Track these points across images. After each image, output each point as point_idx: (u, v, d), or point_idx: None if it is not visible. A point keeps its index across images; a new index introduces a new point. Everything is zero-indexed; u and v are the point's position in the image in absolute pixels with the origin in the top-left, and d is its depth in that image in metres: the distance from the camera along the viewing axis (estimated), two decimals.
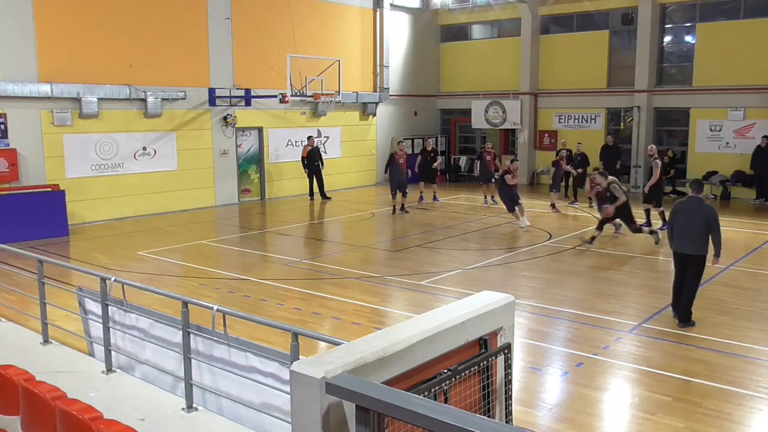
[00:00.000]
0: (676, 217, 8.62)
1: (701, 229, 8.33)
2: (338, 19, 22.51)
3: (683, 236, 8.46)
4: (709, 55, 20.53)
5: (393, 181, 17.55)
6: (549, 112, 24.10)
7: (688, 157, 21.30)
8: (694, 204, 8.55)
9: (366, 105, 23.66)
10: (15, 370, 4.98)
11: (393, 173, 17.48)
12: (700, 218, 8.34)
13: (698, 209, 8.45)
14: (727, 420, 6.16)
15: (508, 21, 24.73)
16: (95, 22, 16.43)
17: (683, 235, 8.46)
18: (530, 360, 7.62)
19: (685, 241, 8.44)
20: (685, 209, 8.56)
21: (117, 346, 6.57)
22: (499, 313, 3.97)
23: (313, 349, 7.06)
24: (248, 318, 5.60)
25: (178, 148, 18.43)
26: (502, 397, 4.01)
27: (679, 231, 8.52)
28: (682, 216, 8.51)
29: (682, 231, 8.47)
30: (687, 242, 8.43)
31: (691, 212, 8.46)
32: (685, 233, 8.42)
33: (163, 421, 5.52)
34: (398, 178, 17.40)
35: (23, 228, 14.03)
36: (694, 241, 8.37)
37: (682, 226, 8.47)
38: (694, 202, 8.58)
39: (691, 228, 8.38)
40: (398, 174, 17.43)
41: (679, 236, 8.53)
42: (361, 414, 2.88)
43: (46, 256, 8.61)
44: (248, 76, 19.49)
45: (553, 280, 11.13)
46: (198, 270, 11.92)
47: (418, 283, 10.91)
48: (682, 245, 8.50)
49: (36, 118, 15.62)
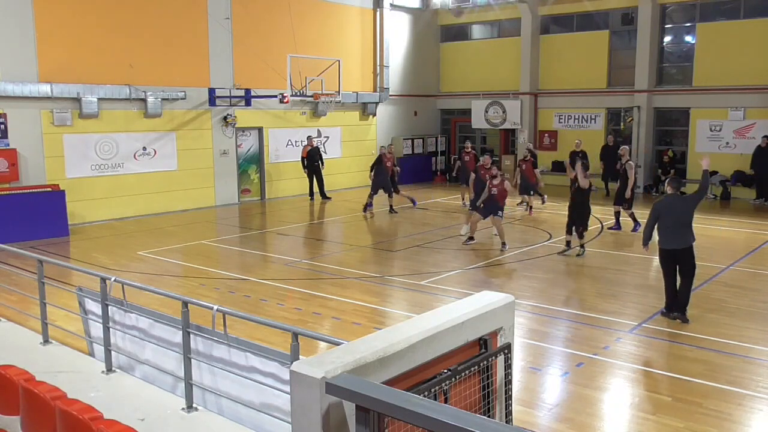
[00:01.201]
0: (659, 216, 8.70)
1: (688, 221, 8.60)
2: (338, 19, 22.51)
3: (671, 233, 8.62)
4: (709, 55, 20.53)
5: (377, 182, 17.70)
6: (549, 112, 24.09)
7: (688, 157, 21.30)
8: (676, 201, 8.80)
9: (366, 105, 23.66)
10: (15, 370, 4.98)
11: (378, 174, 17.64)
12: (686, 211, 8.60)
13: (681, 204, 8.73)
14: (727, 420, 6.16)
15: (508, 21, 24.72)
16: (95, 22, 16.42)
17: (671, 231, 8.62)
18: (530, 360, 7.62)
19: (674, 237, 8.61)
20: (668, 207, 8.70)
21: (117, 346, 6.57)
22: (499, 313, 3.97)
23: (313, 349, 7.06)
24: (248, 318, 5.60)
25: (178, 148, 18.43)
26: (502, 397, 4.00)
27: (665, 229, 8.65)
28: (667, 214, 8.64)
29: (668, 228, 8.62)
30: (676, 238, 8.60)
31: (674, 209, 8.65)
32: (673, 229, 8.61)
33: (163, 421, 5.52)
34: (382, 180, 17.58)
35: (23, 228, 14.03)
36: (682, 235, 8.59)
37: (668, 224, 8.61)
38: (675, 199, 8.83)
39: (679, 224, 8.59)
40: (383, 175, 17.62)
41: (666, 234, 8.66)
42: (361, 414, 2.88)
43: (46, 256, 8.62)
44: (248, 76, 19.49)
45: (553, 280, 11.13)
46: (198, 270, 11.92)
47: (418, 283, 10.91)
48: (672, 241, 8.63)
49: (36, 118, 15.61)
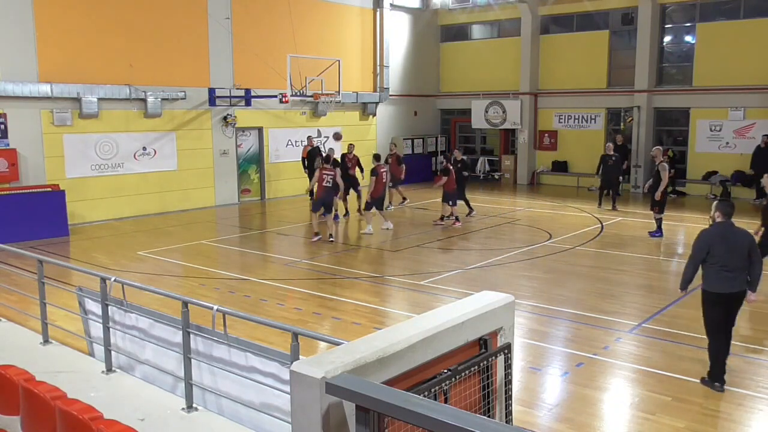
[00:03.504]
0: (709, 249, 6.76)
1: (743, 258, 6.75)
2: (338, 19, 22.51)
3: (726, 272, 6.69)
4: (709, 55, 20.53)
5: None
6: (549, 112, 24.10)
7: (688, 157, 21.31)
8: (729, 230, 6.83)
9: (366, 105, 23.66)
10: (15, 370, 4.97)
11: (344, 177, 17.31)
12: (743, 245, 6.77)
13: (737, 236, 6.82)
14: (727, 420, 6.16)
15: (508, 21, 24.73)
16: (95, 22, 16.42)
17: (726, 270, 6.69)
18: (530, 360, 7.62)
19: (732, 276, 6.71)
20: (720, 238, 6.78)
21: (117, 346, 6.57)
22: (499, 313, 3.97)
23: (313, 349, 7.06)
24: (248, 318, 5.60)
25: (178, 148, 18.43)
26: (502, 397, 4.00)
27: (717, 267, 6.72)
28: (721, 246, 6.73)
29: (723, 266, 6.69)
30: (734, 278, 6.73)
31: (729, 241, 6.76)
32: (730, 267, 6.70)
33: (163, 421, 5.52)
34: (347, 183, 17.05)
35: (23, 228, 14.03)
36: (739, 275, 6.76)
37: (724, 260, 6.69)
38: (728, 228, 6.84)
39: (736, 259, 6.72)
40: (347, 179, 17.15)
41: (716, 273, 6.74)
42: (361, 414, 2.88)
43: (46, 256, 8.62)
44: (248, 76, 19.49)
45: (553, 280, 11.13)
46: (198, 270, 11.92)
47: (418, 283, 10.91)
48: (725, 283, 6.73)
49: (36, 118, 15.62)
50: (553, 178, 24.18)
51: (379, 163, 15.92)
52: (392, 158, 18.41)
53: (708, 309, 6.88)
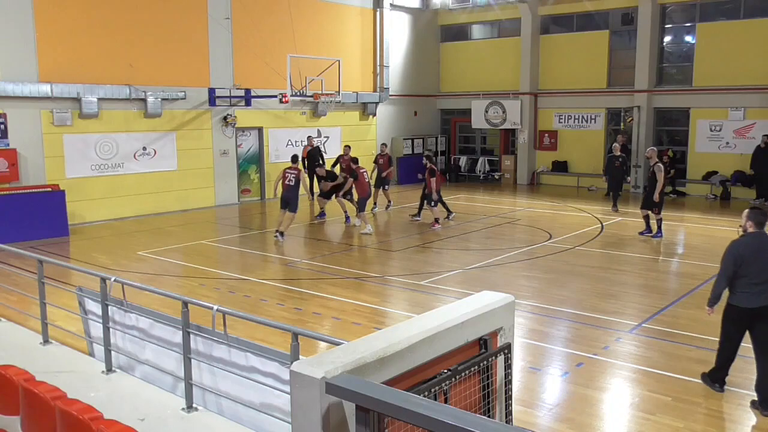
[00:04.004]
0: (741, 261, 6.28)
1: None
2: (338, 19, 22.51)
3: (755, 285, 6.28)
4: (709, 55, 20.53)
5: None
6: (549, 112, 24.10)
7: (688, 157, 21.31)
8: (764, 242, 6.35)
9: (366, 105, 23.66)
10: (15, 370, 4.97)
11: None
12: None
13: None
14: (727, 420, 6.16)
15: (508, 21, 24.73)
16: (95, 22, 16.42)
17: (755, 284, 6.28)
18: (530, 360, 7.62)
19: (759, 290, 6.28)
20: (754, 251, 6.29)
21: (117, 346, 6.57)
22: (499, 313, 3.96)
23: (313, 349, 7.06)
24: (248, 318, 5.60)
25: (178, 148, 18.43)
26: (502, 397, 4.00)
27: (746, 280, 6.29)
28: (755, 259, 6.27)
29: (753, 280, 6.28)
30: (761, 293, 6.29)
31: (764, 253, 6.30)
32: (759, 281, 6.28)
33: (163, 421, 5.52)
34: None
35: (23, 228, 14.03)
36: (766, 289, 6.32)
37: (756, 274, 6.26)
38: (763, 240, 6.36)
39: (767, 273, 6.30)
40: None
41: (746, 287, 6.31)
42: (361, 414, 2.88)
43: (46, 256, 8.61)
44: (248, 76, 19.49)
45: (553, 280, 11.13)
46: (198, 270, 11.92)
47: (418, 283, 10.91)
48: (756, 299, 6.29)
49: (36, 118, 15.61)
50: (553, 178, 24.18)
51: (358, 165, 16.06)
52: (384, 158, 18.37)
53: (727, 323, 6.57)
